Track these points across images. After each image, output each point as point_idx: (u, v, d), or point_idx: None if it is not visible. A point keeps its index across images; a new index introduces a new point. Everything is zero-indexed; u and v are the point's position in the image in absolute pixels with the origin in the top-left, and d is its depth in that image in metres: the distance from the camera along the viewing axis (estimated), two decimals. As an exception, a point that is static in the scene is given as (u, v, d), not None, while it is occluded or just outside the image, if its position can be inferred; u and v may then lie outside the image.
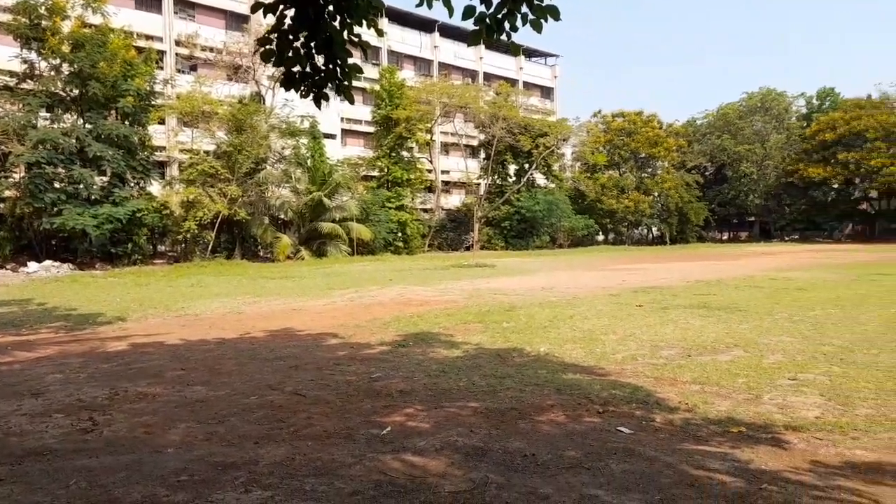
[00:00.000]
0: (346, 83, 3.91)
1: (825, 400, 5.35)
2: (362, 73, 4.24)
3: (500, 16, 3.95)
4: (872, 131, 53.86)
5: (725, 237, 69.48)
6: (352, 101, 4.15)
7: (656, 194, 57.58)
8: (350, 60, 4.00)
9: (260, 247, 34.29)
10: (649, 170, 59.58)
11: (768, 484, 3.62)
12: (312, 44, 3.72)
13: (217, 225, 29.73)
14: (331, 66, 3.81)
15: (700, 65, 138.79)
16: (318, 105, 4.03)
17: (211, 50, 36.50)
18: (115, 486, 3.71)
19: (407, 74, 47.58)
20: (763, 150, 61.58)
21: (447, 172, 52.12)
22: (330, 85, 3.88)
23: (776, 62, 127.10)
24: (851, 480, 3.68)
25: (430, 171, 46.28)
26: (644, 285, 16.72)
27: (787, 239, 62.10)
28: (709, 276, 19.48)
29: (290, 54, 3.75)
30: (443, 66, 53.34)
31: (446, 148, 53.04)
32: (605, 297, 13.79)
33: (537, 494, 3.54)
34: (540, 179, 51.11)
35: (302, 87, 3.83)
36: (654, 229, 60.73)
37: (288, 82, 3.85)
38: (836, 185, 59.10)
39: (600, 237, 57.79)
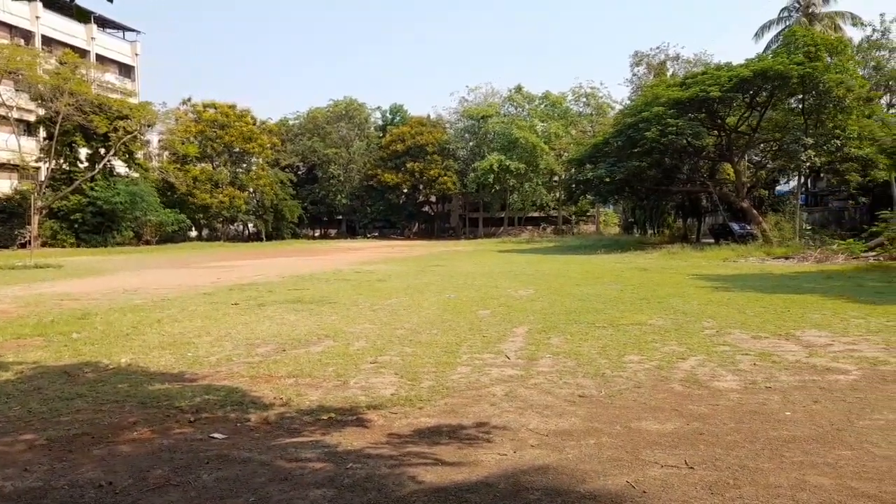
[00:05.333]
0: None
1: (399, 378, 6.10)
2: None
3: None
4: (431, 146, 64.91)
5: (318, 234, 74.21)
6: None
7: (252, 190, 57.78)
8: None
9: None
10: (244, 165, 59.42)
11: (353, 462, 3.91)
12: None
13: None
14: None
15: (293, 68, 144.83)
16: None
17: None
18: None
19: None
20: (348, 154, 67.97)
21: (-8, 151, 42.09)
22: None
23: (355, 73, 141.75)
24: (419, 445, 4.26)
25: (-36, 148, 36.60)
26: (240, 282, 16.52)
27: (369, 236, 69.98)
28: (303, 272, 20.43)
29: None
30: (-18, 18, 42.75)
31: (-11, 120, 42.79)
32: (198, 297, 13.10)
33: (114, 531, 3.07)
34: (121, 167, 45.67)
35: None
36: (251, 225, 60.91)
37: None
38: (406, 190, 69.20)
39: (193, 233, 55.08)
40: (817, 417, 4.69)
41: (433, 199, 73.72)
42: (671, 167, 33.10)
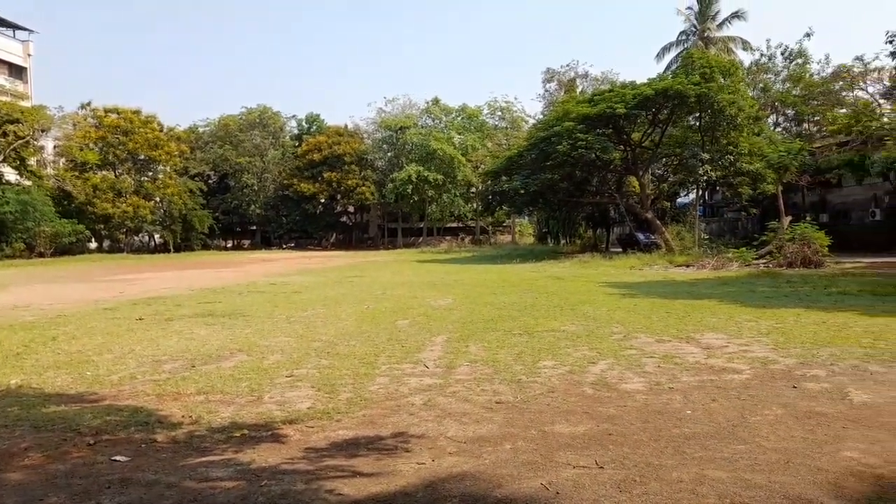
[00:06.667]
0: None
1: (316, 391, 5.99)
2: None
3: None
4: (349, 156, 64.31)
5: (230, 245, 71.66)
6: None
7: (158, 199, 55.08)
8: None
9: None
10: (150, 173, 56.59)
11: (268, 480, 3.81)
12: None
13: None
14: None
15: (203, 74, 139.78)
16: None
17: None
18: None
19: None
20: (262, 163, 66.19)
21: None
22: None
23: (269, 81, 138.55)
24: (336, 458, 4.20)
25: None
26: (146, 296, 15.70)
27: (285, 246, 68.24)
28: (214, 284, 19.67)
29: None
30: None
31: None
32: (98, 313, 12.34)
33: (2, 566, 2.84)
34: (11, 175, 42.36)
35: None
36: (157, 236, 58.00)
37: None
38: (323, 200, 68.09)
39: (93, 245, 51.82)
40: (715, 415, 5.01)
41: (351, 209, 72.99)
42: (581, 180, 34.43)
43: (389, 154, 68.07)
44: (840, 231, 29.03)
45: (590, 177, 35.01)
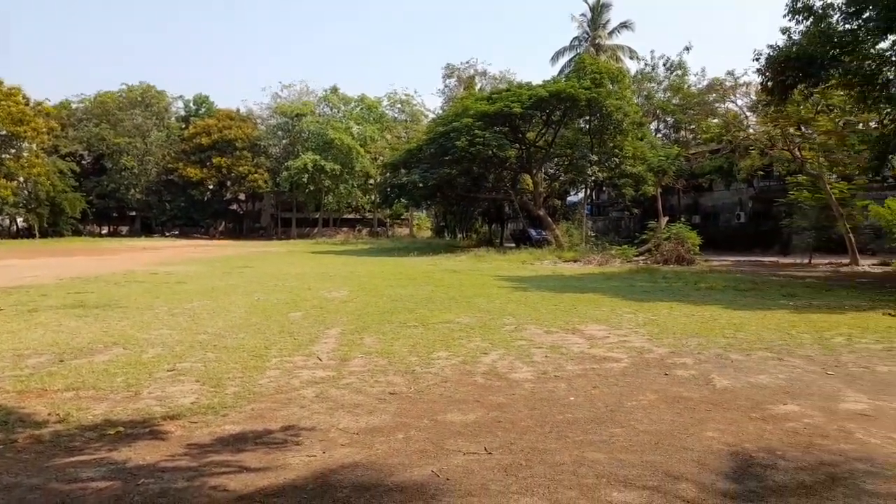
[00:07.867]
0: None
1: (200, 385, 5.72)
2: None
3: None
4: (241, 141, 61.69)
5: (105, 231, 66.77)
6: None
7: (22, 180, 50.19)
8: None
9: None
10: (13, 151, 51.42)
11: (145, 478, 3.60)
12: None
13: None
14: None
15: (76, 44, 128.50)
16: None
17: None
18: None
19: None
20: (144, 145, 62.08)
21: None
22: None
23: (156, 59, 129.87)
24: (221, 454, 4.04)
25: None
26: (5, 285, 14.28)
27: (168, 234, 64.44)
28: (86, 273, 18.24)
29: None
30: None
31: None
32: (-52, 302, 11.07)
33: None
34: None
35: None
36: (20, 220, 52.87)
37: None
38: (211, 186, 64.93)
39: (-57, 227, 46.41)
40: (595, 401, 5.31)
41: (242, 196, 70.19)
42: (478, 176, 35.18)
43: (284, 141, 66.05)
44: (710, 231, 31.67)
45: (486, 173, 35.83)
